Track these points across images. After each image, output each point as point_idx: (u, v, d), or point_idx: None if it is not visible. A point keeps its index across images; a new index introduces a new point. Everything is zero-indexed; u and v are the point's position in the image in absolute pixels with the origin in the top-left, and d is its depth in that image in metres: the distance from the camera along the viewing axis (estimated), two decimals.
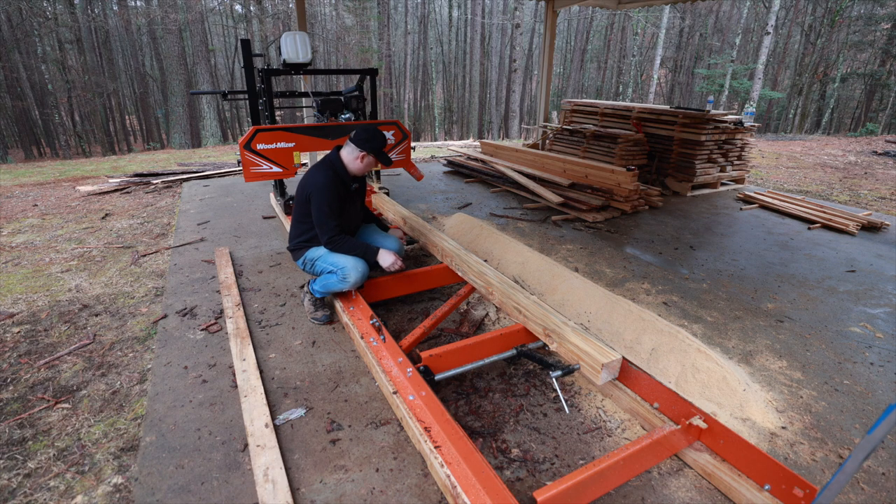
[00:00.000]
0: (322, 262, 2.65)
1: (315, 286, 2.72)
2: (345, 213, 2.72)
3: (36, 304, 3.00)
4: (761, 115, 22.60)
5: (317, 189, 2.54)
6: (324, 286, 2.66)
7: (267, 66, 3.96)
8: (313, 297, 2.76)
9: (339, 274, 2.57)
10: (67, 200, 5.46)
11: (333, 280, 2.59)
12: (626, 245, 4.11)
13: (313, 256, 2.69)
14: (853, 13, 19.99)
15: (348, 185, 2.70)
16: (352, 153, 2.62)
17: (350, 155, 2.63)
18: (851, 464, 1.09)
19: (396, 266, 2.64)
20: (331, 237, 2.57)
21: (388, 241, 2.93)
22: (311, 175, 2.61)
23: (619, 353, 2.05)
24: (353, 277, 2.54)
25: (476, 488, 1.51)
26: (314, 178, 2.58)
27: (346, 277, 2.55)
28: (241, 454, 1.82)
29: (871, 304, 3.14)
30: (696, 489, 1.72)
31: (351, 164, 2.64)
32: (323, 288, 2.67)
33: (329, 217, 2.56)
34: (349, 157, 2.63)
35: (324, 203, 2.54)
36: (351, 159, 2.63)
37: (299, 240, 2.75)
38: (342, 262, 2.59)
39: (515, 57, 19.08)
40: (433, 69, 29.97)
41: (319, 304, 2.76)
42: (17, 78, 16.67)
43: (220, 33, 25.45)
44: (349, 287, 2.59)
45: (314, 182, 2.56)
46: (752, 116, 11.36)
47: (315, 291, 2.73)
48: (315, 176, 2.58)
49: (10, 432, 1.94)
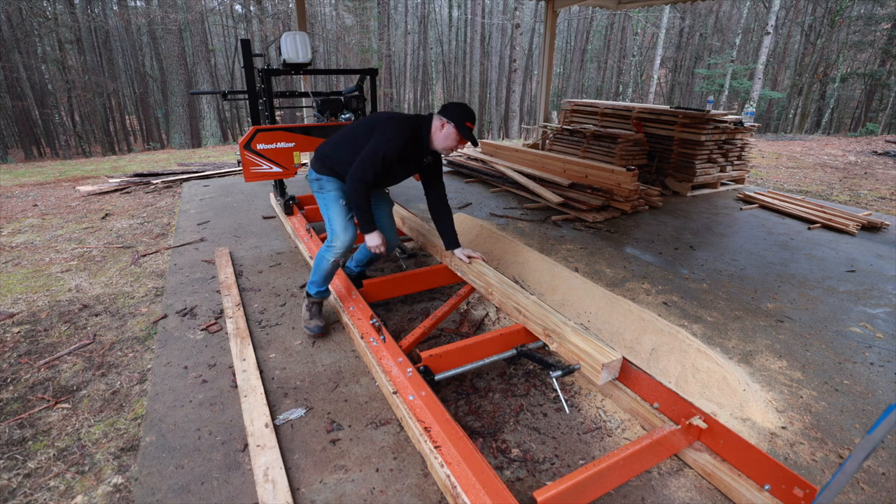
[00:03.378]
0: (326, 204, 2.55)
1: (310, 280, 2.61)
2: (390, 174, 2.55)
3: (36, 304, 3.00)
4: (761, 115, 22.60)
5: (386, 136, 2.38)
6: (316, 266, 2.56)
7: (267, 66, 3.96)
8: (310, 301, 2.64)
9: (330, 236, 2.51)
10: (67, 200, 5.46)
11: (323, 250, 2.52)
12: (626, 245, 4.11)
13: (329, 188, 2.57)
14: (853, 13, 19.98)
15: (421, 154, 2.53)
16: (436, 121, 2.42)
17: (435, 123, 2.43)
18: (851, 464, 1.09)
19: (378, 251, 2.56)
20: (359, 181, 2.38)
21: (389, 231, 2.84)
22: (395, 122, 2.44)
23: (619, 353, 2.05)
24: (339, 244, 2.47)
25: (476, 488, 1.51)
26: (394, 126, 2.42)
27: (333, 243, 2.48)
28: (241, 454, 1.82)
29: (871, 304, 3.14)
30: (696, 489, 1.72)
31: (433, 134, 2.44)
32: (316, 272, 2.56)
33: (373, 166, 2.37)
34: (434, 126, 2.43)
35: (380, 152, 2.36)
36: (434, 128, 2.43)
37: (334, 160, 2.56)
38: (337, 223, 2.50)
39: (515, 57, 19.08)
40: (433, 69, 29.97)
41: (315, 311, 2.64)
42: (17, 78, 16.67)
43: (220, 33, 25.44)
44: (334, 255, 2.49)
45: (390, 129, 2.40)
46: (752, 116, 11.36)
47: (311, 287, 2.62)
48: (397, 126, 2.42)
49: (10, 432, 1.94)
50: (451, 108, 2.39)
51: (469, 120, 2.37)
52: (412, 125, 2.45)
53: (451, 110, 2.38)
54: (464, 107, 2.40)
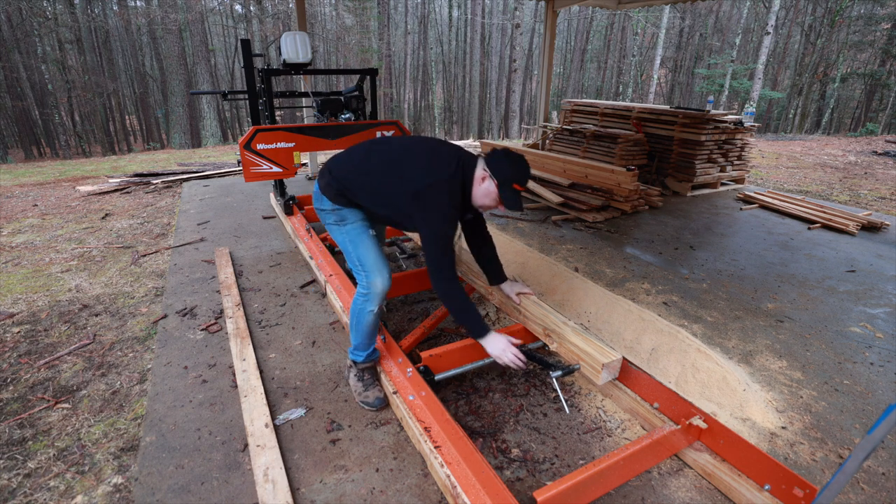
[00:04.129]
0: (351, 239, 2.03)
1: (352, 346, 2.10)
2: None
3: (36, 304, 3.00)
4: (761, 115, 22.60)
5: (441, 213, 1.83)
6: (356, 325, 2.03)
7: (267, 66, 3.96)
8: (358, 369, 2.10)
9: (363, 282, 2.00)
10: (67, 200, 5.46)
11: (359, 302, 2.01)
12: (626, 245, 4.11)
13: (352, 220, 2.03)
14: (853, 13, 19.98)
15: (464, 212, 2.02)
16: (480, 169, 1.90)
17: (478, 171, 1.90)
18: (851, 464, 1.09)
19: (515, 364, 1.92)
20: (449, 283, 1.88)
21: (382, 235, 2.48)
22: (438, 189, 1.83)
23: (619, 353, 2.05)
24: (377, 288, 1.97)
25: (476, 488, 1.51)
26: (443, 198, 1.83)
27: (369, 288, 1.98)
28: (241, 454, 1.82)
29: (871, 304, 3.14)
30: (696, 489, 1.72)
31: (475, 184, 1.90)
32: (358, 332, 2.04)
33: (448, 250, 1.85)
34: (476, 174, 1.90)
35: (443, 229, 1.84)
36: (476, 177, 1.90)
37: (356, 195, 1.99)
38: (368, 261, 1.99)
39: (515, 57, 19.08)
40: (433, 69, 29.97)
41: (369, 381, 2.10)
42: (17, 78, 16.68)
43: (220, 33, 25.45)
44: (376, 303, 1.99)
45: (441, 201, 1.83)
46: (752, 116, 11.36)
47: (356, 355, 2.09)
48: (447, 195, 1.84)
49: (10, 432, 1.94)
50: (500, 160, 1.86)
51: (518, 182, 1.84)
52: (456, 183, 1.88)
53: (499, 162, 1.85)
54: (517, 162, 1.86)
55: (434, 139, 2.05)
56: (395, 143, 2.02)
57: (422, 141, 2.03)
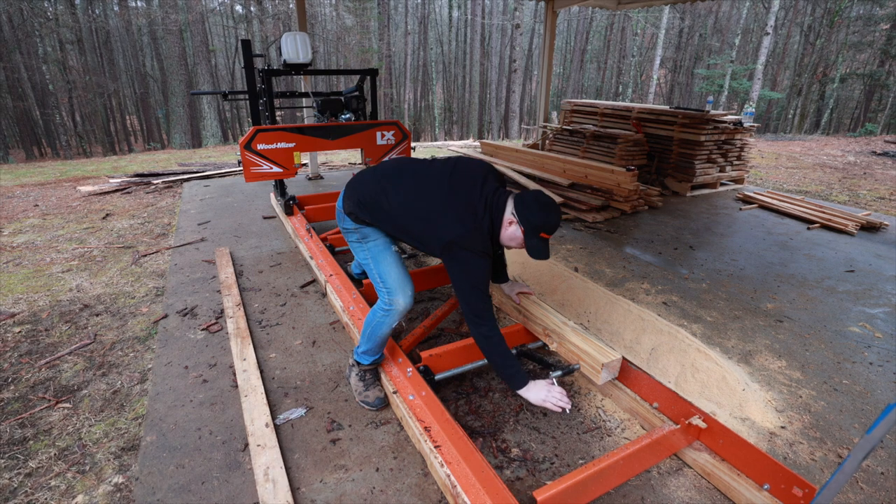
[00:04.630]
0: (374, 256, 2.03)
1: (360, 349, 2.09)
2: None
3: (37, 303, 3.00)
4: (761, 116, 22.61)
5: (472, 259, 1.77)
6: (370, 335, 2.03)
7: (267, 66, 3.96)
8: (361, 370, 2.11)
9: (384, 298, 1.99)
10: (68, 200, 5.47)
11: (379, 314, 2.01)
12: (626, 245, 4.12)
13: (374, 237, 2.03)
14: (852, 14, 20.00)
15: (493, 250, 1.94)
16: (508, 213, 1.82)
17: (507, 214, 1.83)
18: (850, 463, 1.09)
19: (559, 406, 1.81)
20: (490, 331, 1.82)
21: None
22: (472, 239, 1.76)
23: (618, 353, 2.05)
24: (400, 305, 1.96)
25: (476, 488, 1.52)
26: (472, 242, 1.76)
27: (392, 305, 1.96)
28: (241, 454, 1.82)
29: (870, 304, 3.14)
30: (696, 489, 1.72)
31: (503, 226, 1.84)
32: (370, 341, 2.03)
33: (486, 296, 1.81)
34: (505, 217, 1.83)
35: (479, 278, 1.79)
36: (505, 220, 1.83)
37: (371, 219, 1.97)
38: (391, 278, 1.97)
39: (515, 57, 19.10)
40: (433, 69, 29.97)
41: (371, 381, 2.11)
42: (18, 78, 16.70)
43: (220, 34, 25.46)
44: (396, 318, 1.99)
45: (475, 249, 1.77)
46: (752, 117, 11.37)
47: (363, 358, 2.09)
48: (473, 241, 1.76)
49: (11, 432, 1.95)
50: (529, 205, 1.78)
51: (546, 231, 1.77)
52: (485, 228, 1.82)
53: (528, 207, 1.78)
54: (546, 209, 1.77)
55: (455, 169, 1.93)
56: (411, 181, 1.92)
57: (443, 174, 1.90)
